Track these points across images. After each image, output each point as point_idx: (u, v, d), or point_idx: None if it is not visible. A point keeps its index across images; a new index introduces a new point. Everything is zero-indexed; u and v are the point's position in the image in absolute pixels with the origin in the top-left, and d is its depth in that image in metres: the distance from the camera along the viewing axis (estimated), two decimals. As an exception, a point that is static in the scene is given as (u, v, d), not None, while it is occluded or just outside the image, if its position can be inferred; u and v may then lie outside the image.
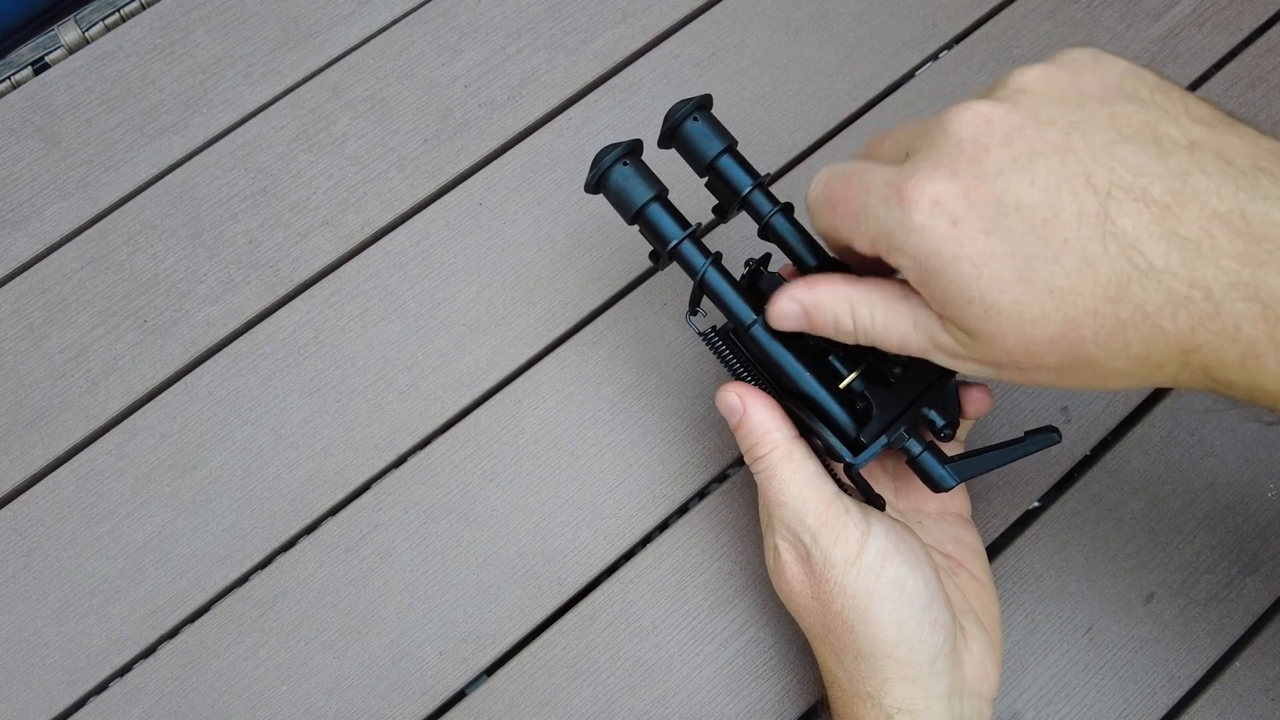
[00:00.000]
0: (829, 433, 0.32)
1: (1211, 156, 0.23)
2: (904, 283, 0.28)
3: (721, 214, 0.36)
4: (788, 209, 0.34)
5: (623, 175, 0.33)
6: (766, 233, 0.34)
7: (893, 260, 0.26)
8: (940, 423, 0.33)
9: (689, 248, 0.33)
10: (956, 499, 0.38)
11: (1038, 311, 0.24)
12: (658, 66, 0.49)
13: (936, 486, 0.33)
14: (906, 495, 0.37)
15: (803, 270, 0.34)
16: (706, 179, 0.35)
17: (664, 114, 0.35)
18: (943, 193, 0.24)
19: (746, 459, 0.34)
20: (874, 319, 0.28)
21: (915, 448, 0.33)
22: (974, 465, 0.33)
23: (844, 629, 0.33)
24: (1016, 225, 0.24)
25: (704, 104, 0.34)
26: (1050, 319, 0.24)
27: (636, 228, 0.34)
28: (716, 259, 0.33)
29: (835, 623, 0.33)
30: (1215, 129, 0.24)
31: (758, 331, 0.33)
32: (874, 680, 0.32)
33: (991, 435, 0.42)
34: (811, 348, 0.33)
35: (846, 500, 0.33)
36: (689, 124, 0.34)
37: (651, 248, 0.34)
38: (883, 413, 0.32)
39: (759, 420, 0.34)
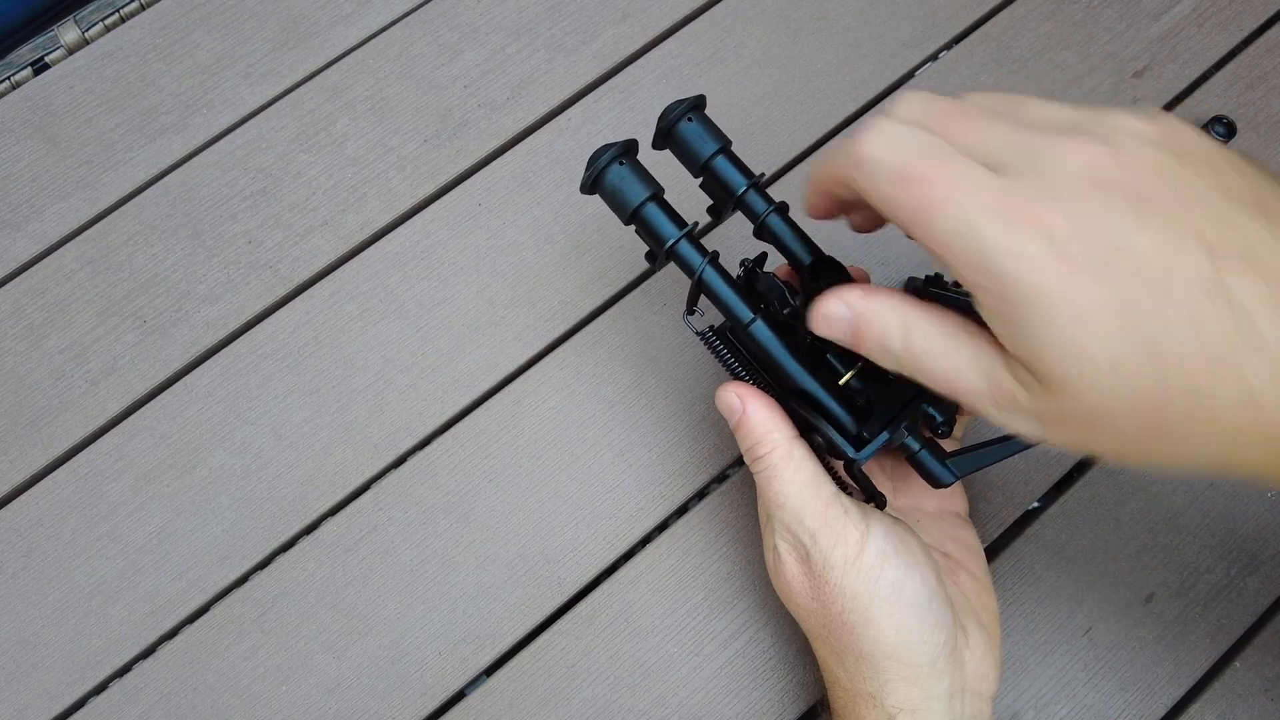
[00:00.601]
0: (830, 429, 0.32)
1: None
2: (965, 318, 0.26)
3: (716, 214, 0.36)
4: (783, 208, 0.34)
5: (618, 175, 0.33)
6: (762, 232, 0.34)
7: (966, 275, 0.24)
8: (939, 419, 0.33)
9: (686, 247, 0.33)
10: (954, 497, 0.38)
11: (1130, 367, 0.22)
12: (657, 67, 0.49)
13: (936, 482, 0.33)
14: (905, 494, 0.37)
15: (798, 269, 0.34)
16: (701, 179, 0.35)
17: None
18: (1058, 226, 0.22)
19: (746, 458, 0.34)
20: (928, 345, 0.26)
21: (914, 444, 0.33)
22: (971, 461, 0.33)
23: (844, 630, 0.33)
24: (1126, 273, 0.22)
25: (698, 104, 0.34)
26: (1142, 377, 0.22)
27: (633, 228, 0.34)
28: (714, 258, 0.33)
29: (835, 624, 0.33)
30: None
31: (757, 330, 0.33)
32: (875, 681, 0.32)
33: (988, 432, 0.42)
34: (809, 346, 0.33)
35: (846, 501, 0.33)
36: (683, 125, 0.34)
37: (648, 248, 0.34)
38: (882, 409, 0.32)
39: (758, 420, 0.33)
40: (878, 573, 0.32)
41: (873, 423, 0.32)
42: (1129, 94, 0.48)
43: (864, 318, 0.28)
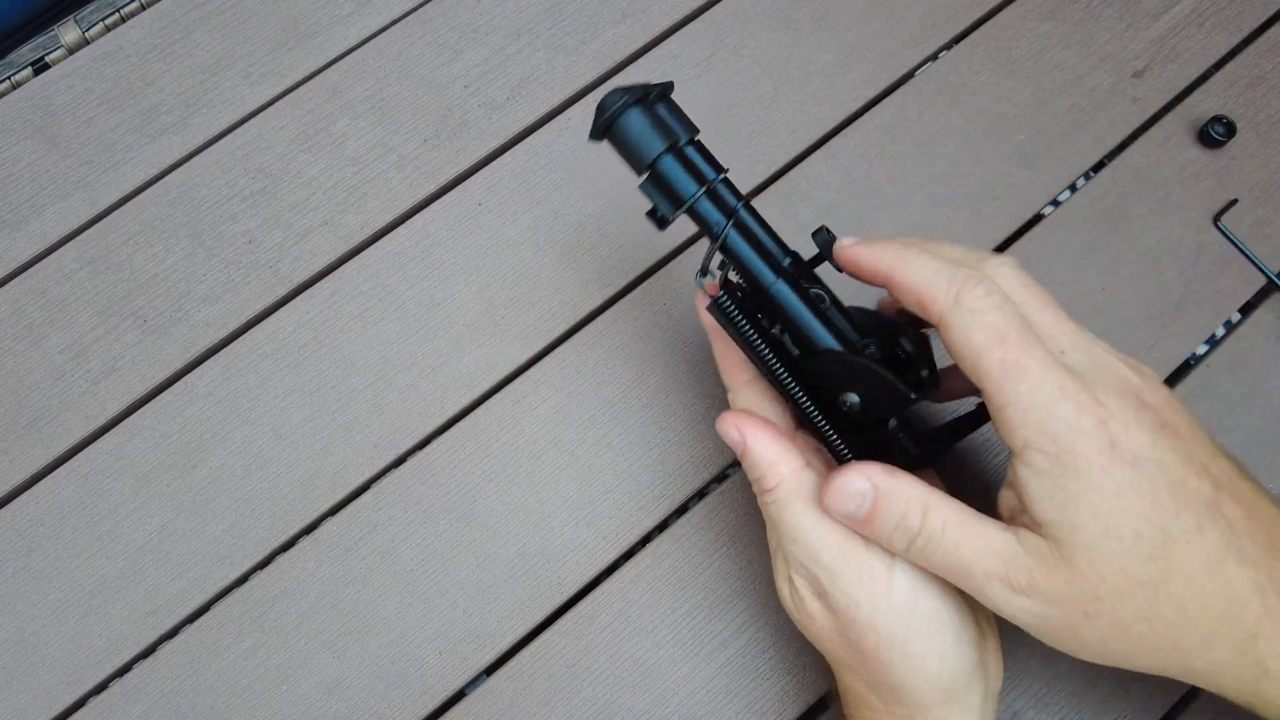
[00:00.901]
0: (882, 371, 0.30)
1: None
2: (974, 511, 0.29)
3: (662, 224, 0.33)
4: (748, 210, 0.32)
5: (638, 122, 0.30)
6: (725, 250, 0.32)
7: (1025, 433, 0.27)
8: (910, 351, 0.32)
9: (706, 204, 0.31)
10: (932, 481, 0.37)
11: (1148, 550, 0.26)
12: (657, 67, 0.49)
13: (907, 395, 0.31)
14: None
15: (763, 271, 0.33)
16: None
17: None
18: (1115, 416, 0.27)
19: (754, 488, 0.33)
20: (945, 529, 0.29)
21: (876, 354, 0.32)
22: (944, 439, 0.33)
23: (879, 666, 0.31)
24: (1155, 473, 0.27)
25: (662, 93, 0.32)
26: (1155, 563, 0.26)
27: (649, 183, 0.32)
28: (738, 212, 0.32)
29: (868, 660, 0.31)
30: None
31: (779, 291, 0.31)
32: (913, 706, 0.31)
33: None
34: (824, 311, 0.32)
35: (866, 538, 0.32)
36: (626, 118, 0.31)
37: (659, 206, 0.32)
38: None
39: (761, 451, 0.32)
40: (912, 606, 0.31)
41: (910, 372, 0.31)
42: (1129, 93, 0.48)
43: (885, 495, 0.30)
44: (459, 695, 0.40)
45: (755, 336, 0.32)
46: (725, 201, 0.32)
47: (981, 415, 0.33)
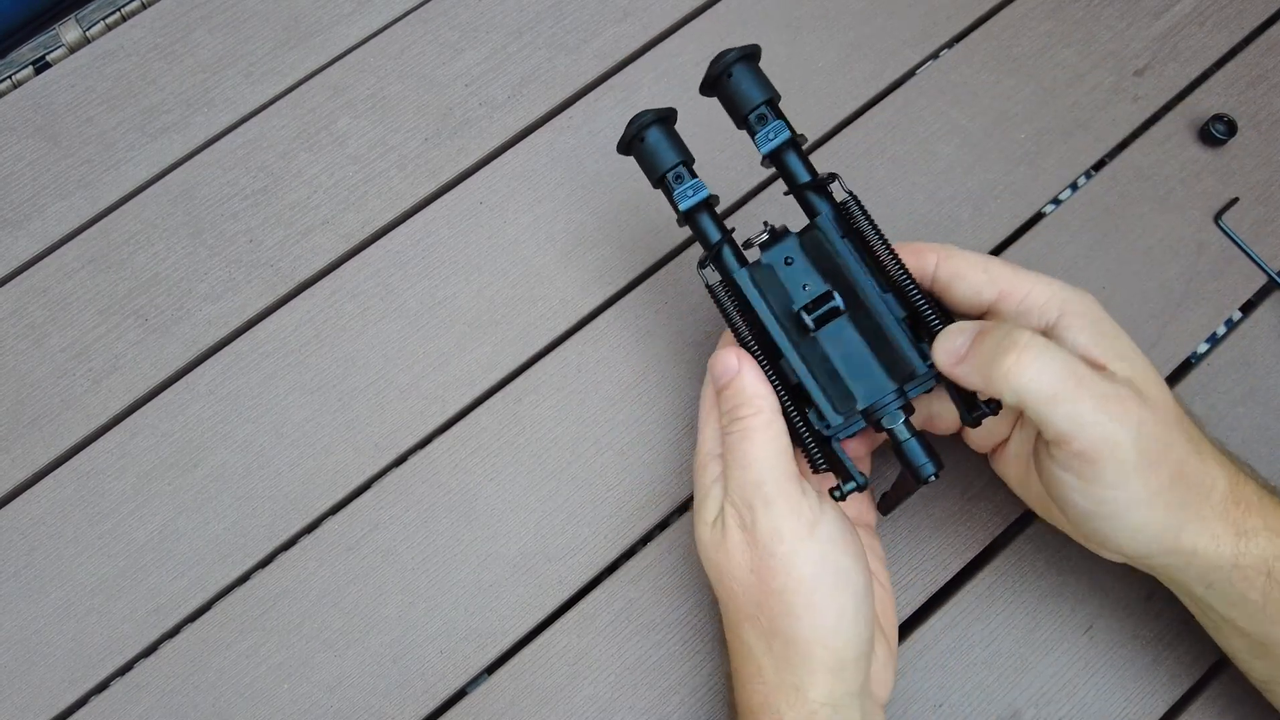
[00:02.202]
0: (818, 394, 0.33)
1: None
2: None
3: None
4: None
5: (655, 138, 0.35)
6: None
7: (1073, 445, 0.30)
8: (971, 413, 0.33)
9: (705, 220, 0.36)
10: (866, 510, 0.38)
11: (1156, 538, 0.32)
12: (658, 65, 0.49)
13: (918, 474, 0.33)
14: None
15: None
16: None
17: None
18: (1145, 425, 0.30)
19: (724, 420, 0.35)
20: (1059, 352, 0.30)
21: (904, 432, 0.33)
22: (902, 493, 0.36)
23: (781, 610, 0.32)
24: (1178, 477, 0.31)
25: (750, 53, 0.35)
26: (1151, 541, 0.32)
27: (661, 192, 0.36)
28: (724, 244, 0.35)
29: (773, 602, 0.32)
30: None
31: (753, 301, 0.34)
32: (802, 669, 0.32)
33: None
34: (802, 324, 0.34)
35: (807, 485, 0.34)
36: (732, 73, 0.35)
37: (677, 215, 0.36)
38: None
39: (751, 382, 0.34)
40: (825, 556, 0.32)
41: (851, 410, 0.33)
42: (1130, 92, 0.48)
43: (987, 328, 0.31)
44: (460, 694, 0.40)
45: (744, 329, 0.35)
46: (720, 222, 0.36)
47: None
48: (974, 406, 0.33)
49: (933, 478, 0.33)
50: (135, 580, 0.41)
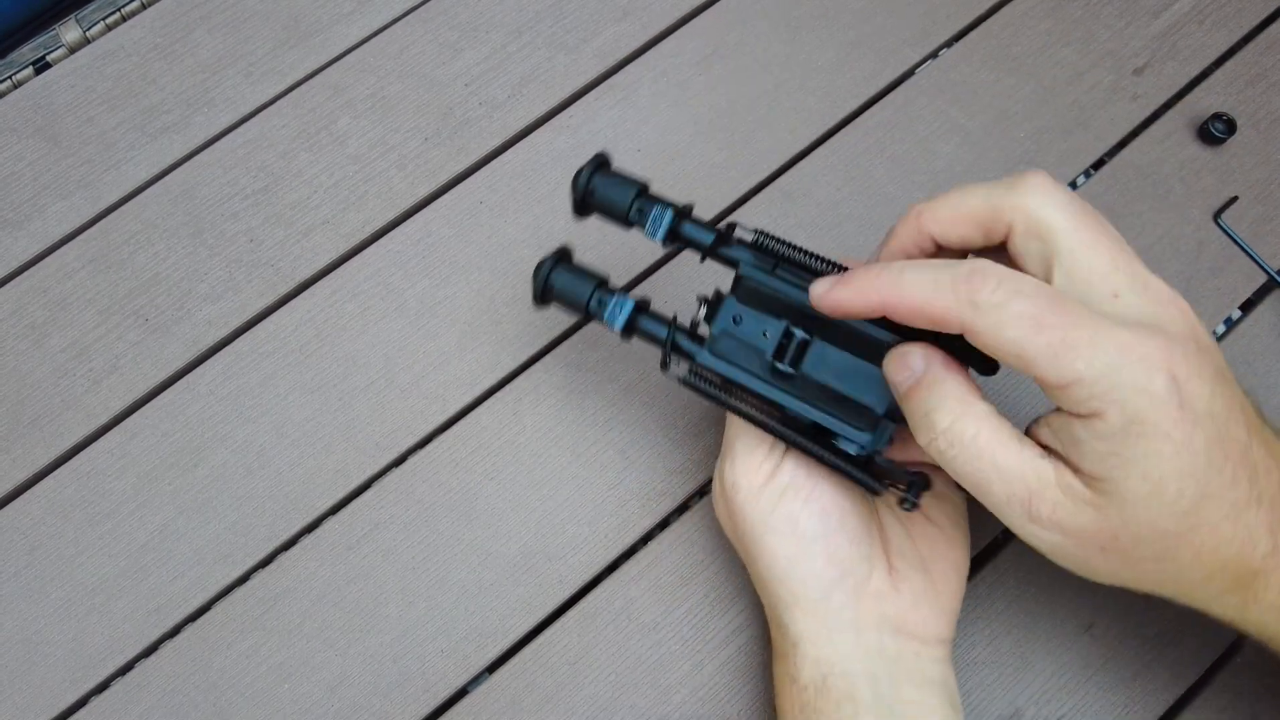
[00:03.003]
0: (837, 423, 0.33)
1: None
2: (1016, 430, 0.28)
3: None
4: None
5: (564, 278, 0.35)
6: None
7: (1089, 406, 0.26)
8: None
9: (648, 323, 0.35)
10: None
11: (1185, 507, 0.26)
12: (658, 65, 0.49)
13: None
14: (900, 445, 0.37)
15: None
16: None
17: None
18: (1180, 373, 0.25)
19: None
20: (974, 440, 0.28)
21: None
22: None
23: (745, 551, 0.36)
24: (1210, 428, 0.26)
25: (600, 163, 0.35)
26: (1188, 518, 0.26)
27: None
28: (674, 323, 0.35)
29: (741, 546, 0.36)
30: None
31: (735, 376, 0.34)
32: (779, 606, 0.35)
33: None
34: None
35: (779, 444, 0.35)
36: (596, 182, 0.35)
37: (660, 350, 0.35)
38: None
39: None
40: (774, 505, 0.34)
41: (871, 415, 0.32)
42: (1129, 91, 0.48)
43: (928, 383, 0.29)
44: (461, 693, 0.40)
45: (735, 401, 0.35)
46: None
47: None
48: (889, 478, 0.33)
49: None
50: (136, 580, 0.41)
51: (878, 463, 0.33)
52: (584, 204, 0.35)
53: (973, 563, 0.40)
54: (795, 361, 0.33)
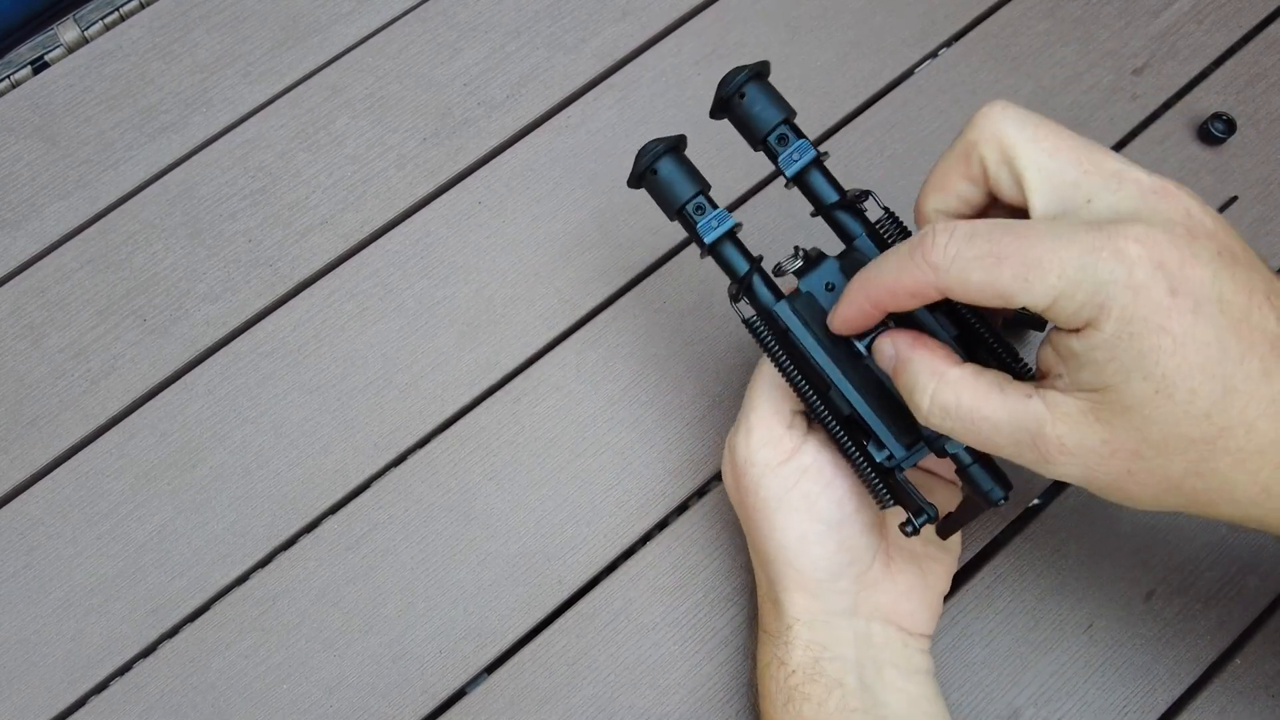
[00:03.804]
0: (876, 424, 0.31)
1: None
2: (1002, 376, 0.27)
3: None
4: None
5: (669, 170, 0.33)
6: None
7: (1081, 314, 0.24)
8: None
9: (729, 249, 0.33)
10: (945, 464, 0.37)
11: (1204, 409, 0.24)
12: (657, 65, 0.49)
13: (987, 498, 0.30)
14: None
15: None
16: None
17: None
18: (1168, 258, 0.23)
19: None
20: (959, 404, 0.27)
21: (966, 457, 0.31)
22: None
23: (752, 527, 0.35)
24: (1217, 316, 0.23)
25: (759, 72, 0.33)
26: (1212, 420, 0.24)
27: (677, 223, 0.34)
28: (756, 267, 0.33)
29: (749, 521, 0.36)
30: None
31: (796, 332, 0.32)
32: (779, 585, 0.35)
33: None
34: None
35: (798, 421, 0.35)
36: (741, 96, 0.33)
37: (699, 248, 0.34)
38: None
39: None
40: (793, 483, 0.34)
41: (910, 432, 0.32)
42: (1129, 91, 0.48)
43: (902, 364, 0.29)
44: (460, 694, 0.40)
45: (785, 359, 0.33)
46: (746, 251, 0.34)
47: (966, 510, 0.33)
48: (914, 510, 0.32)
49: (1002, 502, 0.30)
50: (134, 580, 0.41)
51: (897, 478, 0.32)
52: (727, 105, 0.33)
53: (972, 562, 0.41)
54: (870, 349, 0.31)
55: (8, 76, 0.49)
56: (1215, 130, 0.46)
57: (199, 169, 0.47)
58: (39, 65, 0.49)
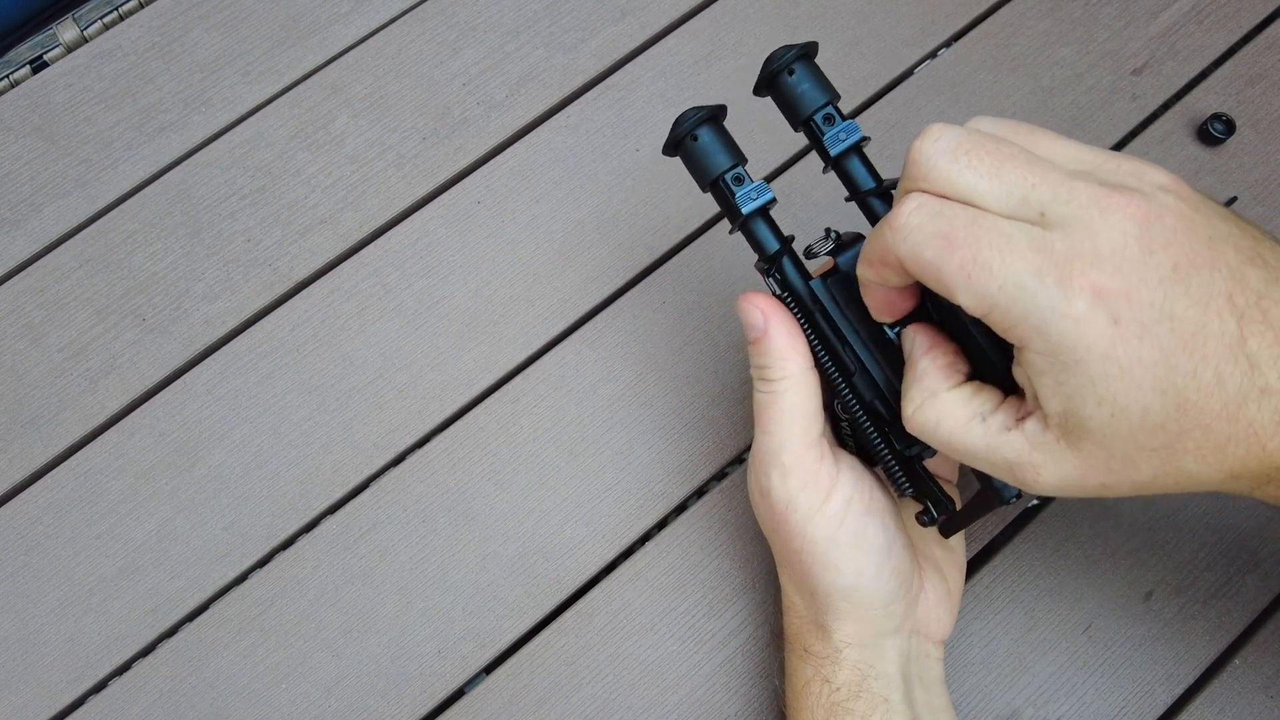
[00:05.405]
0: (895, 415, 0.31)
1: None
2: (988, 404, 0.28)
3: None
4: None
5: (707, 139, 0.33)
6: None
7: (1015, 332, 0.25)
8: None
9: (761, 227, 0.33)
10: (946, 466, 0.37)
11: (1159, 420, 0.24)
12: (656, 64, 0.49)
13: (999, 495, 0.30)
14: None
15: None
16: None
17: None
18: (1109, 288, 0.23)
19: (754, 374, 0.34)
20: (939, 426, 0.28)
21: None
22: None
23: (801, 566, 0.34)
24: (1166, 335, 0.24)
25: (807, 52, 0.33)
26: (1168, 429, 0.24)
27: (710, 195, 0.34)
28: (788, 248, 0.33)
29: (793, 559, 0.34)
30: None
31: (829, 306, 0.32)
32: (828, 614, 0.34)
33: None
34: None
35: (826, 447, 0.33)
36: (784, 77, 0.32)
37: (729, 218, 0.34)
38: None
39: (780, 342, 0.33)
40: (840, 520, 0.33)
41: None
42: (1128, 91, 0.48)
43: (911, 362, 0.29)
44: (458, 694, 0.40)
45: (812, 337, 0.33)
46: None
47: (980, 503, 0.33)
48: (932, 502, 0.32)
49: (1014, 499, 0.30)
50: (133, 580, 0.41)
51: (917, 467, 0.32)
52: (772, 82, 0.33)
53: (971, 563, 0.41)
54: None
55: (7, 76, 0.49)
56: (1215, 130, 0.46)
57: (198, 168, 0.47)
58: (38, 65, 0.49)
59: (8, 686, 0.39)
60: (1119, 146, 0.47)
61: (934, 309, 0.31)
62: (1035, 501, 0.41)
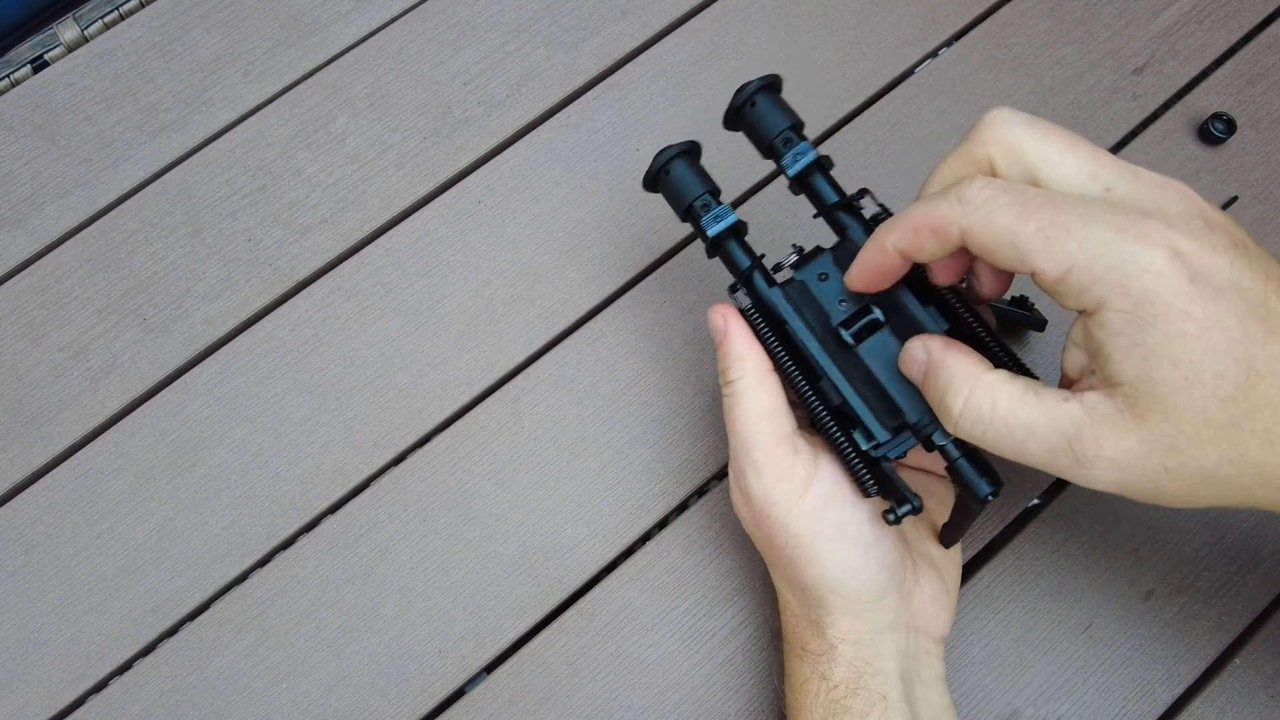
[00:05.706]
0: (863, 413, 0.32)
1: None
2: (1034, 382, 0.27)
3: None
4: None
5: (681, 171, 0.35)
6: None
7: (1097, 291, 0.25)
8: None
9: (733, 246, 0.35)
10: (936, 460, 0.37)
11: (1229, 392, 0.24)
12: (657, 64, 0.49)
13: (974, 493, 0.31)
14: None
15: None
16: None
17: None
18: (1187, 248, 0.24)
19: (720, 380, 0.35)
20: (994, 409, 0.27)
21: (954, 451, 0.31)
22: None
23: (787, 562, 0.34)
24: (1238, 301, 0.24)
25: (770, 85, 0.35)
26: (1237, 403, 0.24)
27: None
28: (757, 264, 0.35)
29: (779, 556, 0.34)
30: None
31: (795, 329, 0.34)
32: (820, 610, 0.34)
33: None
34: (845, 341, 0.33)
35: (800, 441, 0.34)
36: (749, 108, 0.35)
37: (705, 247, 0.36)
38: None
39: (735, 344, 0.34)
40: (821, 512, 0.33)
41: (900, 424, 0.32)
42: (1129, 90, 0.48)
43: (934, 368, 0.29)
44: (459, 693, 0.40)
45: (781, 351, 0.34)
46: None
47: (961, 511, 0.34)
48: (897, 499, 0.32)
49: (990, 497, 0.30)
50: (133, 580, 0.41)
51: (883, 468, 0.32)
52: (738, 115, 0.35)
53: (971, 563, 0.41)
54: (859, 337, 0.32)
55: (7, 75, 0.49)
56: (1215, 130, 0.46)
57: (199, 168, 0.47)
58: (39, 64, 0.49)
59: (8, 686, 0.39)
60: (1120, 146, 0.47)
61: (944, 317, 0.32)
62: (1036, 500, 0.41)
